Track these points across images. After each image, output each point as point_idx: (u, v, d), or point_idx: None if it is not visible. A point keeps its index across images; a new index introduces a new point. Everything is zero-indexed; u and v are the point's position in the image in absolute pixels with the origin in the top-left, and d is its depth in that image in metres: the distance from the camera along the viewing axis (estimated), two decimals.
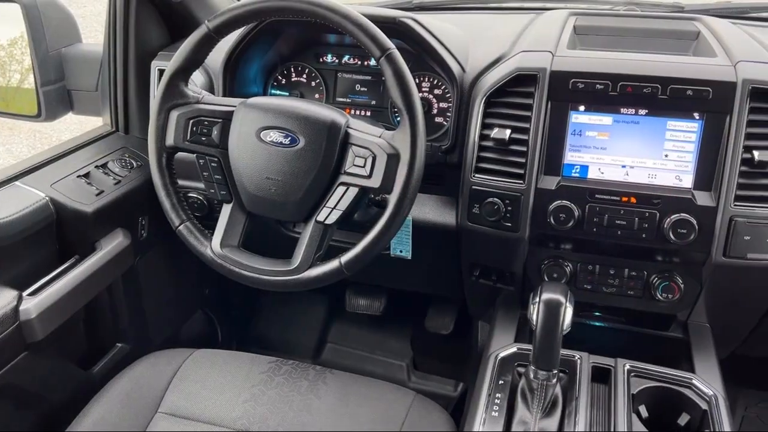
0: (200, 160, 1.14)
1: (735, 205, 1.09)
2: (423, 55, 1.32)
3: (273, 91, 1.49)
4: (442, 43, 1.27)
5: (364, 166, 1.03)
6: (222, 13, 1.09)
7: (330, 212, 1.06)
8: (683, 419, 1.06)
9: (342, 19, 1.02)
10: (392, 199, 1.02)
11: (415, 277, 1.58)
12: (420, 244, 1.37)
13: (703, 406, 1.05)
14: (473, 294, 1.46)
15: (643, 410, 1.07)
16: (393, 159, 1.02)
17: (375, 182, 1.03)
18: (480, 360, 1.19)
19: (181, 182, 1.24)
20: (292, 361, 1.27)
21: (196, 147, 1.13)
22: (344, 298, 1.98)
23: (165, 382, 1.20)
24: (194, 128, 1.12)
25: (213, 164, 1.13)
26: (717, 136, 1.09)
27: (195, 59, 1.13)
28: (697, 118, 1.10)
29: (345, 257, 1.06)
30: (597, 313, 1.34)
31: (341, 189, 1.05)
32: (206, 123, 1.12)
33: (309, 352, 2.03)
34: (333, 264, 1.07)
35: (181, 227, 1.15)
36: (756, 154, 1.07)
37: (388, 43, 1.02)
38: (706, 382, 1.09)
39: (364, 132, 1.06)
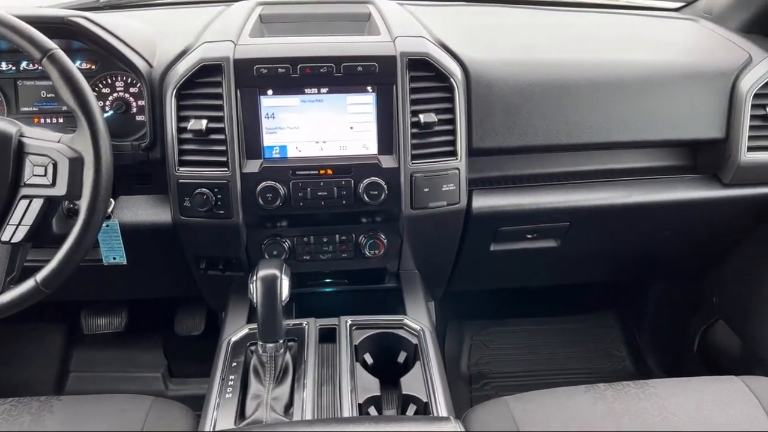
0: None
1: (413, 163, 1.24)
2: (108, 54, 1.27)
3: None
4: (122, 40, 1.23)
5: (45, 175, 0.98)
6: None
7: (15, 229, 0.99)
8: (401, 357, 1.20)
9: None
10: (83, 204, 0.98)
11: (143, 282, 1.54)
12: (139, 247, 1.33)
13: (414, 341, 1.19)
14: (206, 287, 1.47)
15: (368, 357, 1.19)
16: (76, 163, 0.98)
17: (60, 190, 0.98)
18: None
19: None
20: (11, 399, 1.16)
21: None
22: (80, 322, 1.85)
23: None
24: None
25: None
26: (389, 105, 1.23)
27: None
28: (371, 90, 1.23)
29: (41, 274, 0.99)
30: (327, 280, 1.44)
31: (24, 203, 0.98)
32: None
33: (50, 387, 1.86)
34: (28, 284, 0.99)
35: None
36: (421, 117, 1.23)
37: (49, 43, 0.97)
38: (415, 320, 1.24)
39: (40, 139, 0.99)
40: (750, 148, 1.38)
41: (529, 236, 1.48)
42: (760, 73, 1.36)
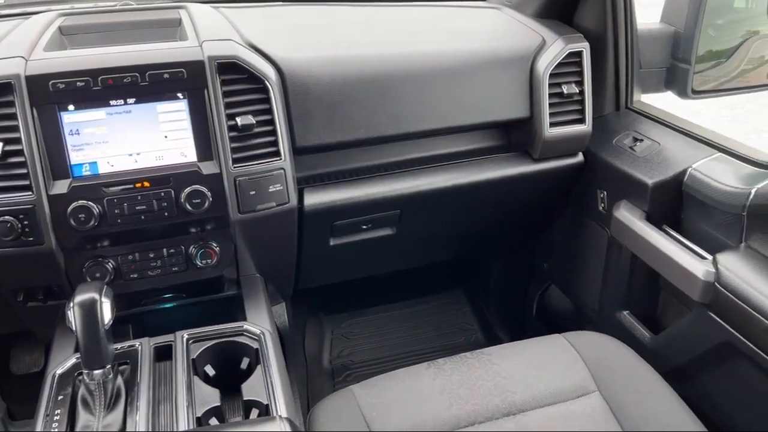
0: None
1: (235, 167, 1.23)
2: None
3: None
4: None
5: None
6: None
7: None
8: (244, 363, 1.19)
9: None
10: None
11: None
12: None
13: (255, 345, 1.18)
14: (30, 320, 1.36)
15: (210, 369, 1.16)
16: None
17: None
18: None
19: None
20: None
21: None
22: None
23: None
24: None
25: None
26: (202, 110, 1.21)
27: None
28: (181, 97, 1.20)
29: None
30: (166, 295, 1.39)
31: None
32: None
33: None
34: None
35: None
36: (238, 120, 1.22)
37: None
38: (256, 325, 1.23)
39: None
40: (551, 124, 1.51)
41: (365, 227, 1.52)
42: (552, 54, 1.48)
